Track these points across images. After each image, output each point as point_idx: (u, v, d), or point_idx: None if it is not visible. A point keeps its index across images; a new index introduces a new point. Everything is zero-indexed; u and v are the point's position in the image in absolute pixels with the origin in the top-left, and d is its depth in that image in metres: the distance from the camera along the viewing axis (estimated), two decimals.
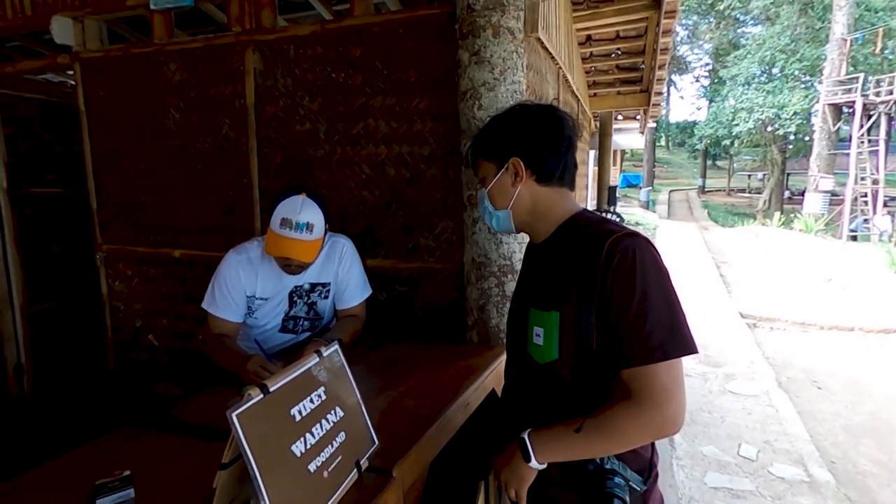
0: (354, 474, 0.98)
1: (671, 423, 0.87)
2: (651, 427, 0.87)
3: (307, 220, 1.55)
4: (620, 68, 5.64)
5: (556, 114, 1.07)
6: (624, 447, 0.93)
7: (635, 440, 0.91)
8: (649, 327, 0.86)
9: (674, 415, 0.86)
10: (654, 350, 0.85)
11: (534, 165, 1.04)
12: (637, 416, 0.87)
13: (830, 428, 3.78)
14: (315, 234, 1.58)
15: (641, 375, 0.86)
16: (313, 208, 1.59)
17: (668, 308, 0.88)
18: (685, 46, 32.64)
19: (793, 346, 5.67)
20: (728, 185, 33.09)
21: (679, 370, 0.88)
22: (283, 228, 1.54)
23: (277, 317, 1.76)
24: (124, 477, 1.01)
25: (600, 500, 0.92)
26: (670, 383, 0.86)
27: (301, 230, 1.54)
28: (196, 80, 2.43)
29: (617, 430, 0.89)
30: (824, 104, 18.51)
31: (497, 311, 1.81)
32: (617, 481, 0.93)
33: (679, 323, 0.88)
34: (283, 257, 1.57)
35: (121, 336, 2.88)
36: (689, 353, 0.88)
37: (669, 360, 0.86)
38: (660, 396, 0.85)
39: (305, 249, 1.57)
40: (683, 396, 0.88)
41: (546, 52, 2.55)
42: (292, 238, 1.54)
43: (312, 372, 0.98)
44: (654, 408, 0.86)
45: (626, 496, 0.92)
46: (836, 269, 8.98)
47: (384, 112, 2.12)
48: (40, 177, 3.40)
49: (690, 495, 2.84)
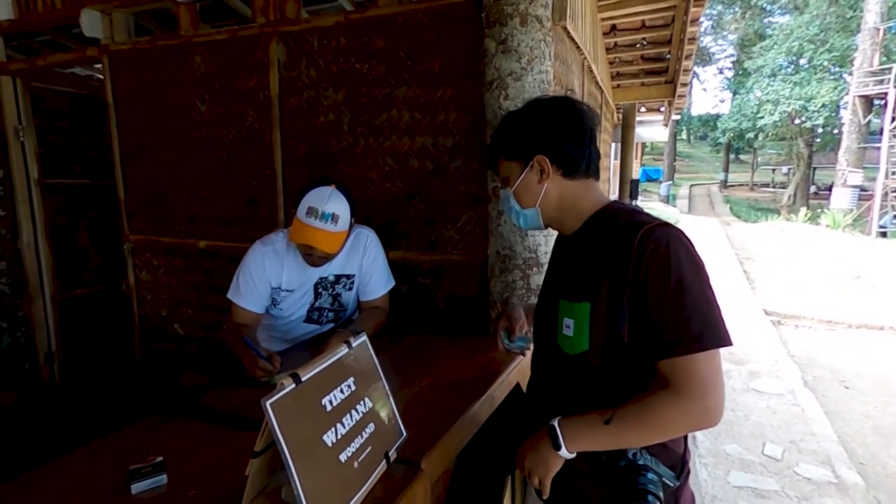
0: (383, 466, 0.98)
1: (712, 413, 0.85)
2: (691, 417, 0.86)
3: (333, 211, 1.55)
4: (645, 59, 5.53)
5: (574, 105, 1.05)
6: (660, 437, 0.92)
7: (673, 430, 0.90)
8: (687, 317, 0.85)
9: (714, 405, 0.85)
10: (694, 340, 0.84)
11: (559, 161, 1.03)
12: (676, 405, 0.85)
13: (859, 429, 3.68)
14: (340, 225, 1.58)
15: (681, 366, 0.85)
16: (341, 200, 1.59)
17: (704, 298, 0.87)
18: (708, 37, 31.89)
19: (819, 344, 5.53)
20: (751, 180, 32.35)
21: (718, 361, 0.86)
22: (309, 217, 1.54)
23: (302, 308, 1.77)
24: (157, 462, 1.03)
25: (633, 496, 0.91)
26: (710, 374, 0.85)
27: (326, 220, 1.54)
28: (221, 71, 2.44)
29: (654, 420, 0.88)
30: (854, 96, 17.93)
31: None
32: (650, 477, 0.92)
33: (716, 314, 0.87)
34: (306, 246, 1.57)
35: (147, 325, 2.93)
36: (726, 344, 0.87)
37: (708, 350, 0.85)
38: (701, 387, 0.84)
39: (329, 240, 1.57)
40: (723, 387, 0.86)
41: (572, 42, 2.50)
42: (317, 227, 1.54)
43: (342, 363, 0.98)
44: (694, 398, 0.84)
45: (659, 492, 0.90)
46: (865, 266, 8.72)
47: (408, 103, 2.10)
48: (70, 168, 3.47)
49: (714, 494, 2.80)
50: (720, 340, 0.86)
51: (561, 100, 1.07)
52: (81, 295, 3.55)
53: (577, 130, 1.03)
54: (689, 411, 0.85)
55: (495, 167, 1.14)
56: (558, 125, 1.03)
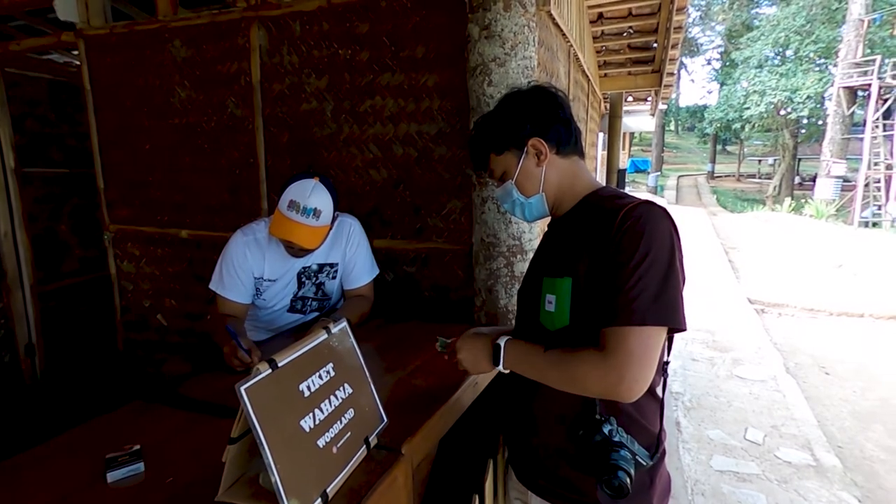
0: (363, 451, 0.98)
1: (626, 387, 0.87)
2: (605, 384, 0.88)
3: (315, 206, 1.53)
4: (632, 48, 5.52)
5: (548, 90, 1.09)
6: (574, 390, 0.94)
7: (586, 388, 0.92)
8: (637, 291, 0.86)
9: (631, 380, 0.86)
10: (633, 313, 0.86)
11: (552, 139, 1.05)
12: (596, 367, 0.88)
13: (838, 413, 3.77)
14: (321, 220, 1.56)
15: (614, 334, 0.87)
16: (323, 194, 1.56)
17: (662, 277, 0.87)
18: (696, 28, 32.00)
19: (801, 331, 5.64)
20: (738, 171, 32.69)
21: (654, 340, 0.87)
22: (290, 211, 1.52)
23: (286, 298, 1.76)
24: (134, 451, 1.01)
25: (604, 470, 0.92)
26: (638, 349, 0.86)
27: (308, 215, 1.52)
28: (201, 57, 2.39)
29: (574, 371, 0.92)
30: (839, 87, 18.14)
31: (506, 292, 1.79)
32: (623, 454, 0.93)
33: (668, 294, 0.87)
34: (285, 240, 1.55)
35: (129, 316, 2.89)
36: (670, 325, 0.88)
37: (646, 326, 0.86)
38: (624, 358, 0.86)
39: (309, 235, 1.54)
40: (649, 367, 0.87)
41: (557, 29, 2.49)
42: (298, 222, 1.52)
43: (321, 348, 0.97)
44: (614, 367, 0.86)
45: (630, 469, 0.92)
46: (847, 255, 8.89)
47: (392, 89, 2.08)
48: (48, 157, 3.39)
49: (696, 478, 2.85)
50: (664, 320, 0.87)
51: (535, 88, 1.10)
52: (63, 286, 3.49)
53: (558, 108, 1.06)
54: (605, 377, 0.87)
55: (485, 167, 1.13)
56: (541, 108, 1.06)
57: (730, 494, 2.70)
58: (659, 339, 0.89)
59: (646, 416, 0.99)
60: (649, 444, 0.98)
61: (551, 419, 1.03)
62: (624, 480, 0.90)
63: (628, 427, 0.96)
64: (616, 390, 0.88)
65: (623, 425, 0.96)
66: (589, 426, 0.96)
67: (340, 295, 1.88)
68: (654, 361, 0.88)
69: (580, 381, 0.91)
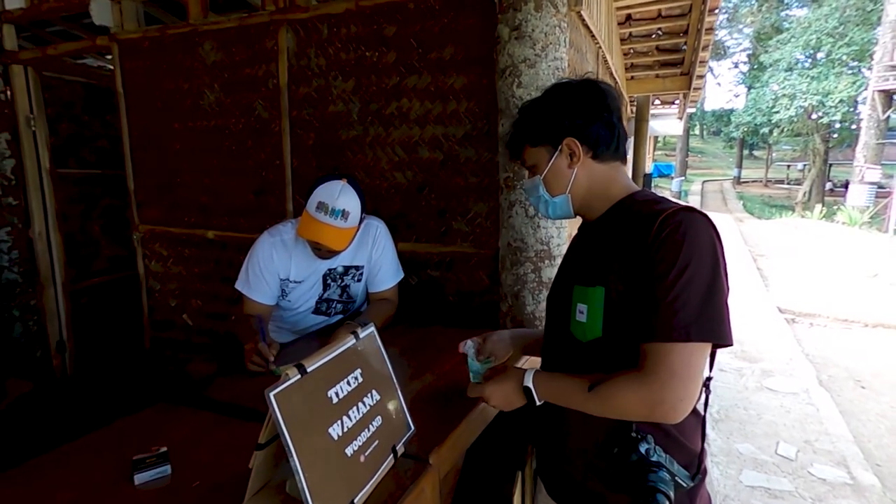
0: (391, 460, 0.95)
1: (667, 407, 0.82)
2: (645, 406, 0.84)
3: (343, 208, 1.53)
4: (661, 50, 5.42)
5: (599, 86, 1.03)
6: (614, 416, 0.90)
7: (627, 413, 0.88)
8: (679, 304, 0.81)
9: (673, 400, 0.82)
10: (675, 328, 0.81)
11: (589, 142, 1.00)
12: (637, 390, 0.84)
13: (875, 429, 3.61)
14: (349, 222, 1.55)
15: (656, 351, 0.83)
16: (351, 196, 1.56)
17: (706, 289, 0.83)
18: (724, 31, 31.37)
19: (835, 343, 5.43)
20: (765, 176, 31.88)
21: (697, 357, 0.82)
22: (319, 212, 1.52)
23: (311, 300, 1.75)
24: (161, 453, 1.01)
25: (642, 493, 0.87)
26: (681, 367, 0.81)
27: (336, 217, 1.52)
28: (230, 60, 2.42)
29: (613, 398, 0.87)
30: (874, 90, 17.54)
31: (533, 298, 1.75)
32: (661, 475, 0.87)
33: (713, 308, 0.83)
34: (313, 241, 1.55)
35: (157, 315, 2.94)
36: (716, 341, 0.83)
37: (690, 342, 0.81)
38: (666, 377, 0.81)
39: (337, 237, 1.54)
40: (693, 386, 0.83)
41: (587, 30, 2.44)
42: (326, 223, 1.52)
43: (349, 354, 0.95)
44: (653, 387, 0.82)
45: (670, 492, 0.86)
46: (883, 264, 8.55)
47: (418, 92, 2.06)
48: (81, 158, 3.48)
49: (725, 493, 2.76)
50: (709, 335, 0.82)
51: (584, 82, 1.04)
52: (93, 284, 3.56)
53: (604, 110, 1.00)
54: (646, 399, 0.83)
55: (519, 156, 1.10)
56: (585, 106, 1.01)
57: None
58: (703, 356, 0.84)
59: (685, 435, 0.94)
60: (689, 463, 0.93)
61: (583, 433, 0.99)
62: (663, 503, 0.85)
63: (667, 446, 0.91)
64: (659, 412, 0.84)
65: (661, 444, 0.91)
66: (624, 444, 0.91)
67: (365, 298, 1.87)
68: (699, 380, 0.84)
69: (621, 408, 0.87)
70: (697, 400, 0.94)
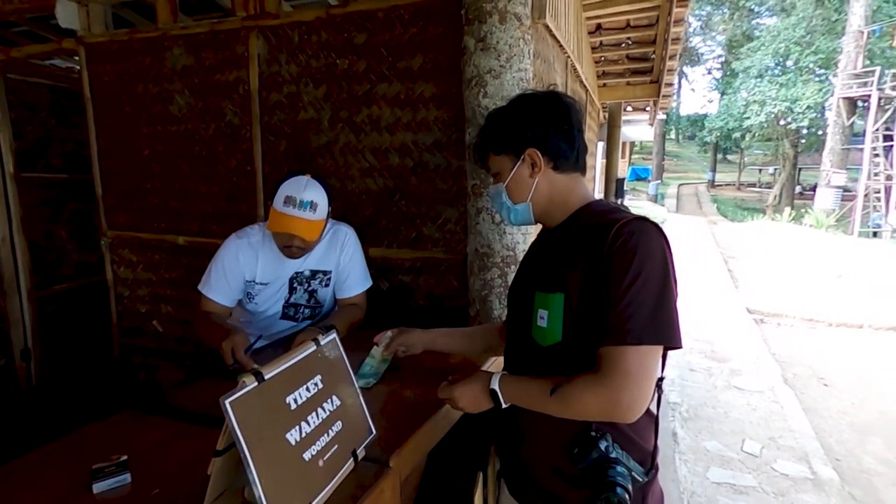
0: (351, 464, 0.97)
1: (624, 408, 0.87)
2: (602, 406, 0.88)
3: (311, 199, 1.54)
4: (631, 58, 5.55)
5: (561, 99, 1.06)
6: (574, 416, 0.94)
7: (585, 413, 0.92)
8: (632, 310, 0.86)
9: (628, 401, 0.86)
10: (630, 332, 0.85)
11: (550, 154, 1.03)
12: (593, 391, 0.88)
13: (836, 425, 3.75)
14: (318, 213, 1.57)
15: (611, 354, 0.87)
16: (317, 188, 1.58)
17: (657, 295, 0.87)
18: (697, 38, 32.17)
19: (800, 342, 5.62)
20: (738, 180, 32.73)
21: (650, 359, 0.87)
22: (287, 206, 1.53)
23: (277, 303, 1.76)
24: (121, 462, 1.01)
25: (602, 488, 0.91)
26: (635, 369, 0.86)
27: (305, 208, 1.53)
28: (200, 65, 2.41)
29: (572, 399, 0.91)
30: (839, 98, 18.20)
31: (500, 303, 1.79)
32: (620, 470, 0.92)
33: (664, 312, 0.87)
34: (286, 234, 1.56)
35: (126, 322, 2.89)
36: (666, 344, 0.88)
37: (642, 345, 0.86)
38: (620, 379, 0.86)
39: (308, 227, 1.56)
40: (647, 387, 0.87)
41: (554, 40, 2.50)
42: (295, 216, 1.53)
43: (309, 360, 0.97)
44: (610, 388, 0.87)
45: (628, 484, 0.91)
46: (847, 266, 8.87)
47: (389, 99, 2.09)
48: (47, 162, 3.40)
49: (692, 490, 2.83)
50: (660, 338, 0.87)
51: (549, 94, 1.07)
52: (60, 291, 3.49)
53: (565, 123, 1.04)
54: (603, 400, 0.88)
55: (485, 163, 1.14)
56: (548, 118, 1.04)
57: None
58: (656, 358, 0.88)
59: (640, 433, 0.98)
60: (643, 459, 0.98)
61: (543, 434, 1.02)
62: (623, 497, 0.89)
63: (622, 443, 0.96)
64: (616, 412, 0.88)
65: (618, 442, 0.95)
66: (584, 443, 0.95)
67: (333, 303, 1.88)
68: (652, 381, 0.88)
69: (580, 408, 0.91)
70: (651, 400, 0.99)
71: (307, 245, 1.62)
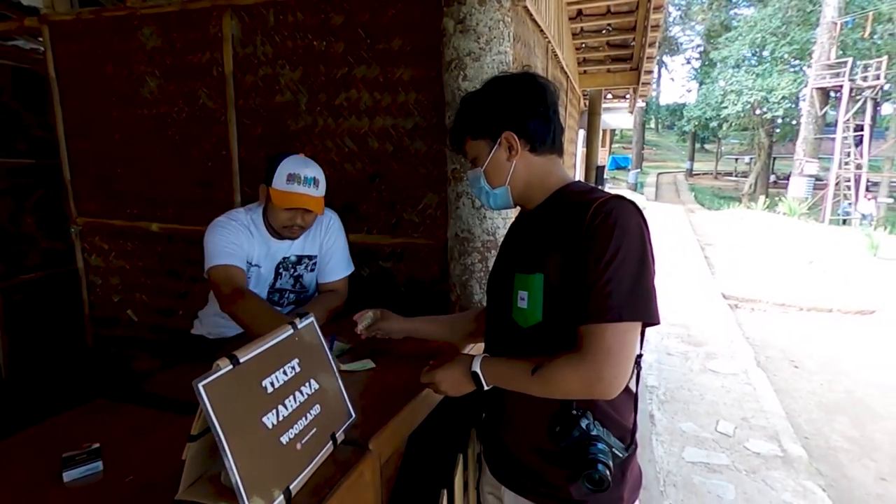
0: (329, 447, 0.97)
1: (605, 384, 0.88)
2: (584, 383, 0.89)
3: (314, 175, 1.55)
4: (611, 45, 5.57)
5: (537, 80, 1.05)
6: (556, 395, 0.95)
7: (567, 391, 0.93)
8: (611, 287, 0.86)
9: (609, 377, 0.87)
10: (610, 309, 0.86)
11: (526, 136, 1.02)
12: (575, 368, 0.89)
13: (805, 405, 3.88)
14: (321, 190, 1.58)
15: (591, 332, 0.88)
16: (316, 166, 1.59)
17: (635, 273, 0.88)
18: (677, 27, 32.44)
19: (772, 326, 5.78)
20: (715, 169, 33.34)
21: (630, 336, 0.88)
22: (291, 183, 1.52)
23: (262, 289, 1.73)
24: (93, 450, 0.99)
25: (584, 465, 0.92)
26: (615, 346, 0.86)
27: (310, 184, 1.53)
28: (171, 46, 2.33)
29: (554, 378, 0.92)
30: (812, 88, 18.59)
31: (480, 287, 1.79)
32: (601, 447, 0.93)
33: (642, 289, 0.88)
34: (296, 211, 1.54)
35: (98, 312, 2.82)
36: (645, 320, 0.89)
37: (623, 322, 0.86)
38: (601, 355, 0.87)
39: (317, 203, 1.56)
40: (627, 362, 0.88)
41: (535, 25, 2.49)
42: (303, 192, 1.53)
43: (286, 343, 0.95)
44: (592, 365, 0.87)
45: (609, 461, 0.92)
46: (818, 252, 9.13)
47: (367, 83, 2.06)
48: (12, 147, 3.27)
49: (668, 469, 2.91)
50: (640, 315, 0.87)
51: (523, 76, 1.06)
52: (28, 280, 3.37)
53: (541, 105, 1.03)
54: (584, 377, 0.88)
55: (461, 148, 1.12)
56: (523, 101, 1.03)
57: (700, 485, 2.76)
58: (635, 335, 0.89)
59: (619, 411, 1.00)
60: (622, 436, 0.99)
61: (525, 414, 1.03)
62: (604, 473, 0.90)
63: (603, 421, 0.97)
64: (598, 389, 0.88)
65: (598, 419, 0.96)
66: (566, 422, 0.96)
67: (317, 289, 1.86)
68: (632, 356, 0.89)
69: (562, 387, 0.92)
70: (630, 377, 1.00)
71: (309, 223, 1.62)
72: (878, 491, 2.85)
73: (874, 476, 2.99)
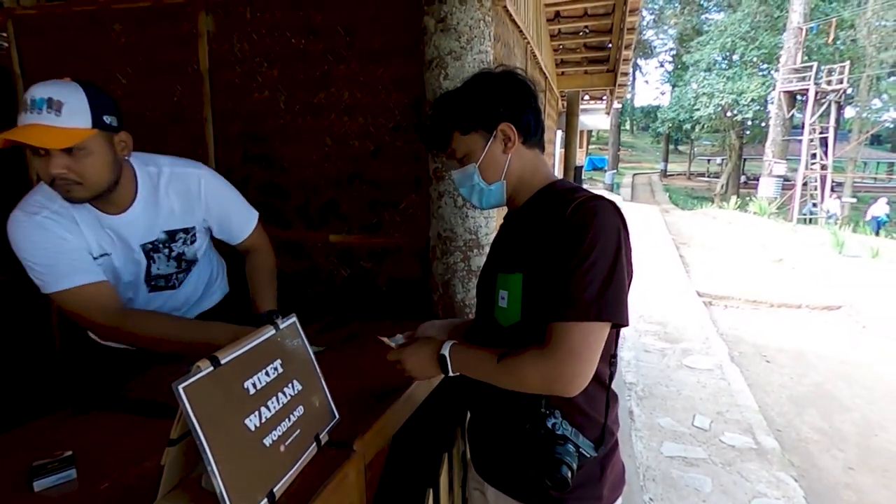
0: (313, 448, 0.95)
1: (565, 382, 0.88)
2: (546, 380, 0.89)
3: (49, 96, 1.07)
4: (588, 47, 5.65)
5: (521, 76, 1.06)
6: (518, 388, 0.94)
7: (528, 385, 0.92)
8: (581, 286, 0.86)
9: (570, 376, 0.87)
10: (577, 309, 0.86)
11: (521, 128, 1.02)
12: (537, 364, 0.89)
13: (777, 399, 4.00)
14: (65, 116, 1.09)
15: (558, 329, 0.88)
16: (68, 86, 1.12)
17: (607, 273, 0.87)
18: (651, 31, 33.09)
19: (745, 322, 5.94)
20: (688, 170, 34.12)
21: (596, 336, 0.88)
22: (21, 114, 1.10)
23: (136, 278, 1.39)
24: (65, 457, 0.95)
25: (548, 465, 0.91)
26: (579, 345, 0.86)
27: (40, 108, 1.07)
28: (144, 42, 2.27)
29: (517, 370, 0.92)
30: (780, 91, 19.19)
31: (463, 287, 1.79)
32: (567, 448, 0.92)
33: (612, 290, 0.87)
34: (42, 157, 1.11)
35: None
36: (611, 321, 0.88)
37: (589, 322, 0.86)
38: (564, 354, 0.87)
39: (44, 134, 1.07)
40: (589, 363, 0.88)
41: (514, 25, 2.50)
42: (29, 123, 1.08)
43: (268, 344, 0.94)
44: (554, 362, 0.87)
45: (573, 462, 0.91)
46: (787, 250, 9.43)
47: (347, 81, 2.04)
48: None
49: (647, 464, 2.96)
50: (606, 316, 0.86)
51: (508, 72, 1.06)
52: None
53: (531, 97, 1.04)
54: (545, 374, 0.88)
55: (446, 146, 1.07)
56: (516, 93, 1.03)
57: (678, 479, 2.82)
58: (601, 335, 0.89)
59: (593, 407, 0.99)
60: (596, 435, 0.98)
61: (502, 412, 1.03)
62: (565, 474, 0.89)
63: (573, 419, 0.96)
64: (557, 386, 0.88)
65: (568, 417, 0.95)
66: (534, 420, 0.95)
67: (211, 253, 1.60)
68: (595, 357, 0.88)
69: (523, 380, 0.92)
70: (608, 376, 1.00)
71: (77, 171, 1.13)
72: (847, 480, 2.95)
73: (842, 466, 3.09)
